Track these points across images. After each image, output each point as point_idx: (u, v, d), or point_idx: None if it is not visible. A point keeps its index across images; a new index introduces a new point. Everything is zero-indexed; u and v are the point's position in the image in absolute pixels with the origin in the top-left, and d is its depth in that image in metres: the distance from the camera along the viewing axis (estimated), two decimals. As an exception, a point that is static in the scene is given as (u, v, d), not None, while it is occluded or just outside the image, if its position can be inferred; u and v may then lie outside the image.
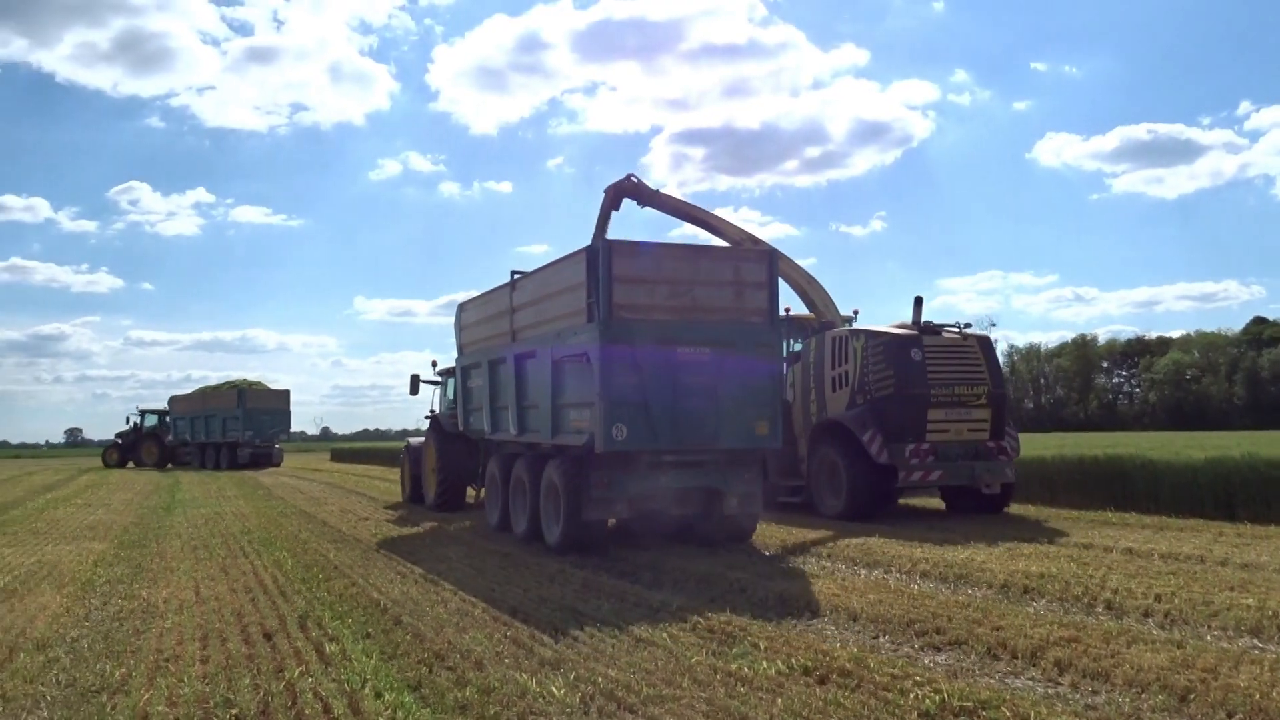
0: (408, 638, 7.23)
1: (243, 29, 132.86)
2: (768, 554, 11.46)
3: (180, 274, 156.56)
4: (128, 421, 48.64)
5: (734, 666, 6.19)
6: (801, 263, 17.42)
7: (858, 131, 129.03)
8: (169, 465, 45.50)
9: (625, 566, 10.67)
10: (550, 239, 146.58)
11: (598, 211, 18.23)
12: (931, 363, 14.72)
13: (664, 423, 11.19)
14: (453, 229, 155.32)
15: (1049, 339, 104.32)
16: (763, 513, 12.99)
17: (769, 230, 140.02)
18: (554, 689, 5.71)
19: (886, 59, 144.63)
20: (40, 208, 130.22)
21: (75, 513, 19.22)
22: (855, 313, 17.65)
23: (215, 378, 48.49)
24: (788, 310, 17.17)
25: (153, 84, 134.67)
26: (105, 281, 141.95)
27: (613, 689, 5.72)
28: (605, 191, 18.18)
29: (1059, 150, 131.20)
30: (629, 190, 17.88)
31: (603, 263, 11.15)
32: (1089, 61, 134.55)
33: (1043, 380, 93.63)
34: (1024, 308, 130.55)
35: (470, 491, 18.62)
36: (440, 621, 7.79)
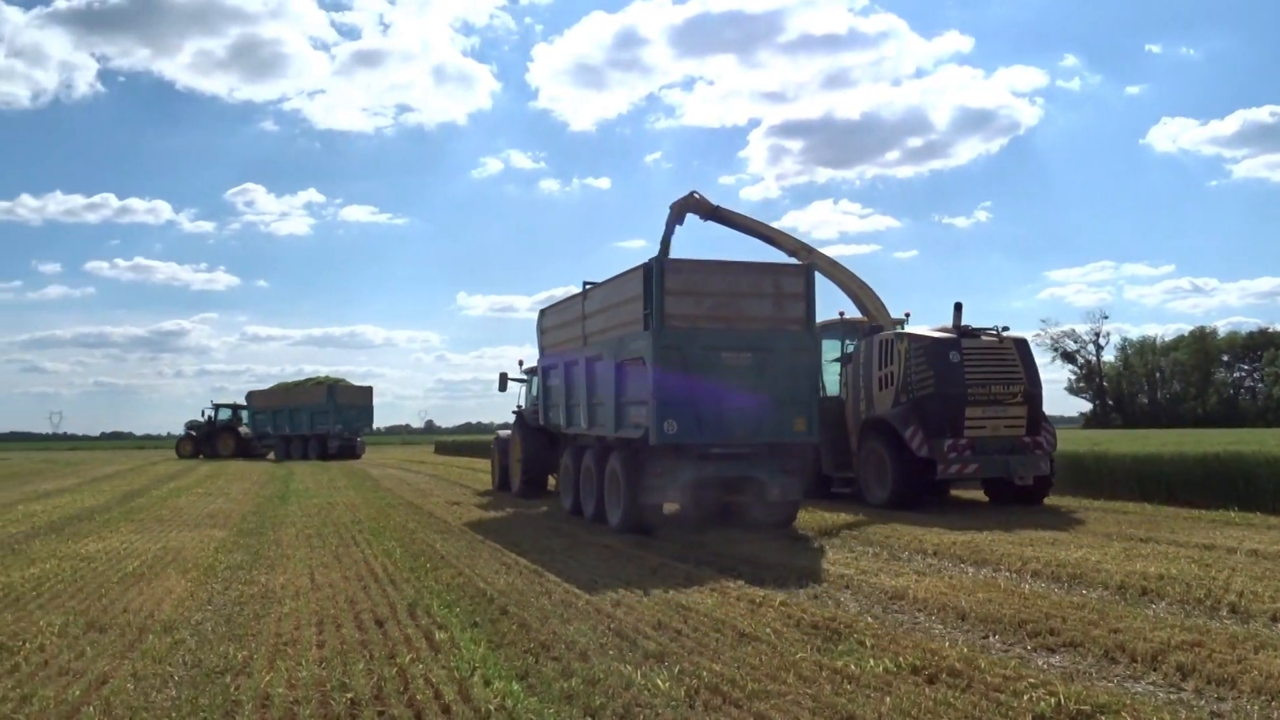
0: (514, 627, 7.34)
1: (351, 33, 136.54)
2: (870, 549, 11.32)
3: (292, 272, 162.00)
4: (202, 414, 51.34)
5: (840, 663, 6.12)
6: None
7: (961, 120, 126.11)
8: (242, 456, 47.68)
9: (727, 561, 10.64)
10: (649, 234, 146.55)
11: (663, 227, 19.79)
12: (969, 364, 15.81)
13: (710, 419, 12.61)
14: (552, 225, 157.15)
15: (1165, 332, 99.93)
16: (805, 500, 14.64)
17: (869, 222, 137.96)
18: (659, 682, 5.73)
19: (992, 45, 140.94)
20: (162, 210, 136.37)
21: (196, 501, 20.04)
22: (907, 315, 18.61)
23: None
24: (841, 314, 18.88)
25: (266, 89, 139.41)
26: (223, 280, 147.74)
27: (717, 683, 5.71)
28: (670, 208, 19.64)
29: (1175, 136, 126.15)
30: (692, 206, 19.45)
31: (656, 278, 12.62)
32: (1207, 42, 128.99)
33: (1158, 375, 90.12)
34: (1138, 299, 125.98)
35: (551, 480, 19.54)
36: (545, 612, 7.89)
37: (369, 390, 48.95)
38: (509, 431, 21.56)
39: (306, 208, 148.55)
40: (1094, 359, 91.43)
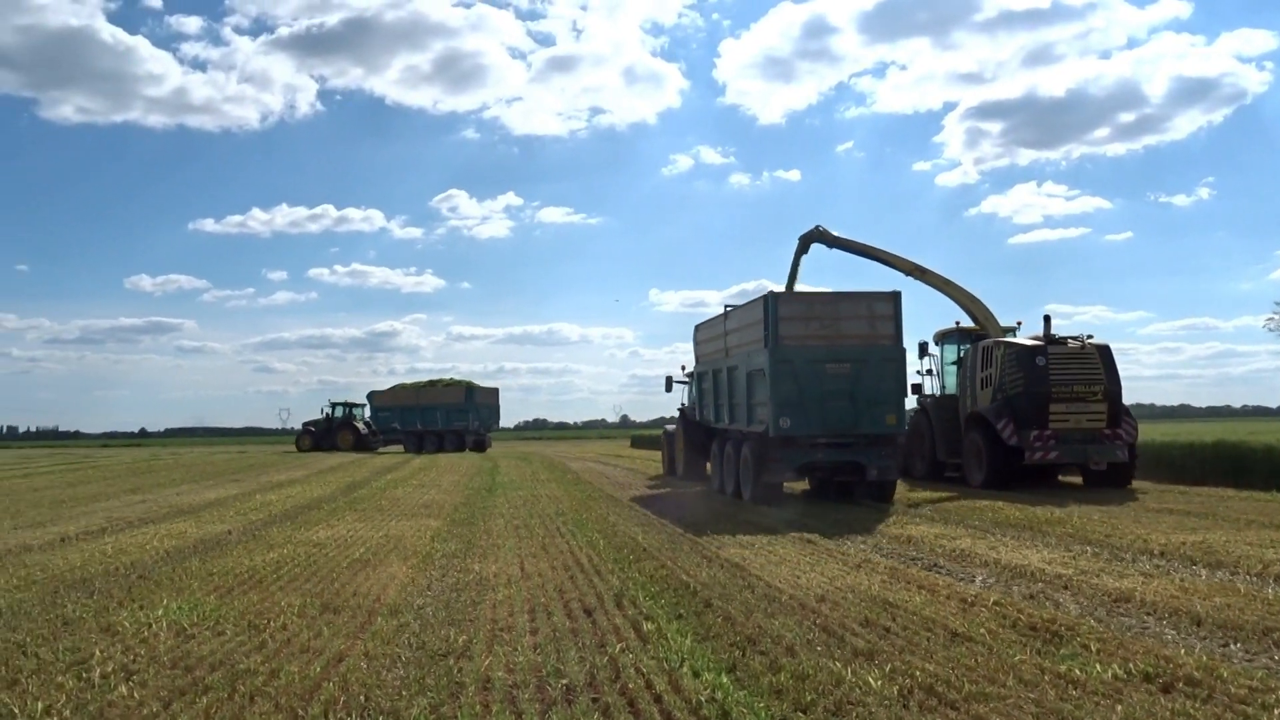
0: (719, 620, 7.38)
1: (545, 40, 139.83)
2: (1089, 549, 10.73)
3: (493, 273, 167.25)
4: (321, 412, 54.72)
5: (1063, 668, 5.83)
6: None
7: (1179, 91, 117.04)
8: (359, 450, 50.84)
9: (931, 558, 10.36)
10: (840, 224, 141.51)
11: (791, 258, 24.49)
12: (1054, 367, 18.56)
13: (817, 415, 15.90)
14: (743, 219, 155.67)
15: None
16: (922, 482, 19.99)
17: (1077, 204, 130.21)
18: (870, 680, 5.63)
19: (1213, 8, 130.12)
20: (375, 218, 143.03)
21: (411, 493, 21.14)
22: (1018, 324, 21.60)
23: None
24: (958, 323, 22.25)
25: (467, 99, 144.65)
26: (430, 282, 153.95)
27: (931, 684, 5.55)
28: (798, 239, 24.12)
29: None
30: (816, 238, 23.82)
31: (772, 307, 16.19)
32: None
33: None
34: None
35: (708, 466, 21.71)
36: (749, 606, 7.89)
37: (497, 391, 54.44)
38: (674, 426, 25.07)
39: (506, 211, 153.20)
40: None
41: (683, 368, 25.13)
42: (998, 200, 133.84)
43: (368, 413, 53.56)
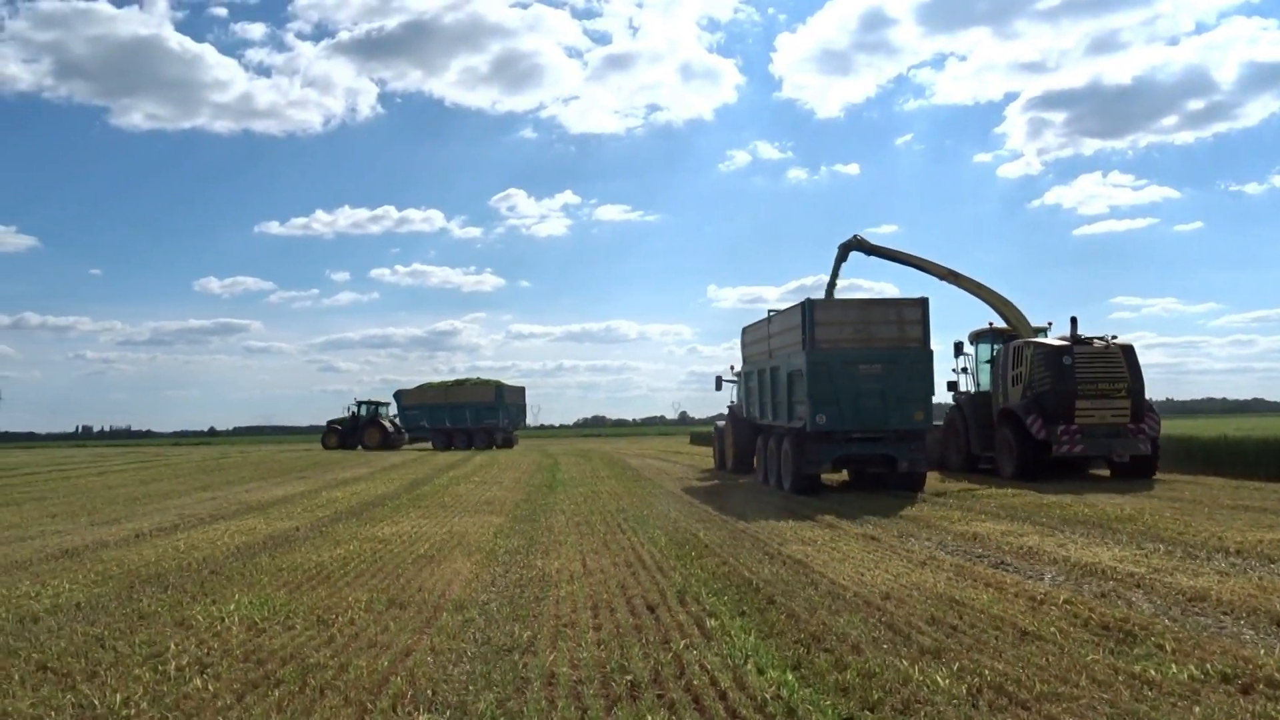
0: (782, 618, 7.34)
1: (602, 39, 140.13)
2: (1161, 546, 10.48)
3: (552, 271, 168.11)
4: (346, 410, 55.13)
5: (1137, 668, 5.70)
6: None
7: (1251, 77, 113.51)
8: (385, 448, 51.42)
9: (998, 555, 10.19)
10: (900, 219, 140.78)
11: (832, 266, 25.74)
12: (1080, 366, 19.70)
13: (850, 412, 17.34)
14: (801, 214, 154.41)
15: None
16: (957, 474, 21.72)
17: (1144, 194, 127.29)
18: (937, 678, 5.56)
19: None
20: (435, 218, 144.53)
21: (473, 489, 21.34)
22: (1049, 324, 22.83)
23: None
24: (990, 324, 23.40)
25: (525, 99, 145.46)
26: (489, 281, 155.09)
27: (1001, 683, 5.46)
28: (838, 248, 25.44)
29: None
30: (855, 246, 25.19)
31: (808, 313, 17.66)
32: None
33: None
34: None
35: (756, 460, 22.76)
36: (812, 604, 7.84)
37: (524, 390, 56.03)
38: (724, 422, 26.59)
39: (563, 209, 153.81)
40: None
41: (731, 367, 26.49)
42: (1062, 191, 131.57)
43: (393, 411, 54.15)
